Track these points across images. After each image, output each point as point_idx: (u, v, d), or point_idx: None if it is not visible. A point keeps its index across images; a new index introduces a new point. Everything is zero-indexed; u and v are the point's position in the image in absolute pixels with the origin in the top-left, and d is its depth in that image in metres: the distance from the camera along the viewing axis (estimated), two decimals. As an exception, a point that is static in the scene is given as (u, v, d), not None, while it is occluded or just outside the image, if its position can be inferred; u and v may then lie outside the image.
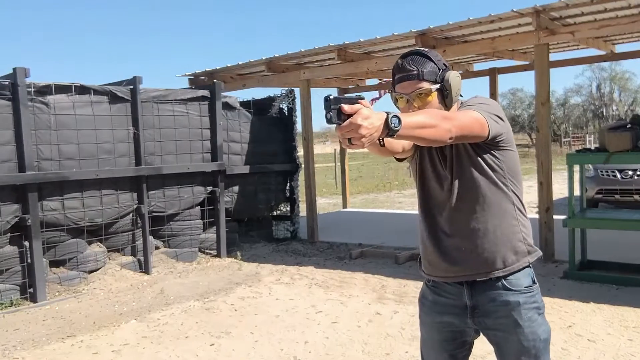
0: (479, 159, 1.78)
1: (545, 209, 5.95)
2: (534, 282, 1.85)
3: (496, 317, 1.80)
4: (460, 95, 1.85)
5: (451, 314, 1.88)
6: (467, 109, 1.71)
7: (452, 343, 1.93)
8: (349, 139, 1.42)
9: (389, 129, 1.44)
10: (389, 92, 1.90)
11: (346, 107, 1.40)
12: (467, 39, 6.84)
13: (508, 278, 1.80)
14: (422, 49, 1.83)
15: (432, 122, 1.54)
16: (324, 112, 1.43)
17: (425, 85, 1.76)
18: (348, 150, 11.43)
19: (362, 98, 1.47)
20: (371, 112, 1.42)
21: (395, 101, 1.84)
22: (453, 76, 1.78)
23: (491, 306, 1.81)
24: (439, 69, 1.78)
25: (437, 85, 1.77)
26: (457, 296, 1.87)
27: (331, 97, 1.42)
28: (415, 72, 1.76)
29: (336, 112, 1.41)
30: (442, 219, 1.86)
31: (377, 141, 1.49)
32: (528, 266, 1.84)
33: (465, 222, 1.81)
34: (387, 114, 1.45)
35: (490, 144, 1.76)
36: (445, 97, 1.78)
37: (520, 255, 1.82)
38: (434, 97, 1.77)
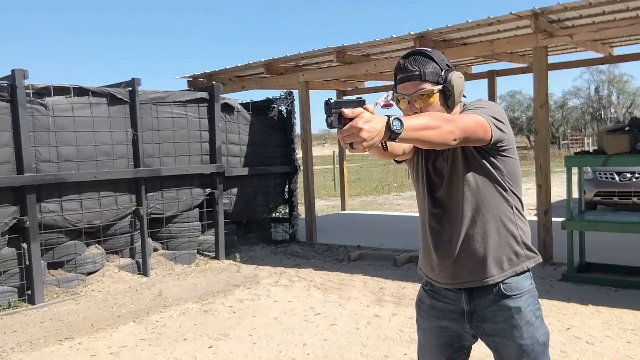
0: (478, 162, 1.76)
1: (544, 212, 5.96)
2: (532, 286, 1.83)
3: (494, 322, 1.79)
4: (464, 96, 1.81)
5: (449, 319, 1.86)
6: (470, 112, 1.69)
7: (450, 348, 1.91)
8: (351, 143, 1.39)
9: (391, 132, 1.41)
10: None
11: (347, 111, 1.38)
12: (466, 42, 6.85)
13: (506, 282, 1.78)
14: (424, 48, 1.79)
15: (434, 123, 1.51)
16: (325, 115, 1.41)
17: (427, 86, 1.72)
18: (347, 152, 11.44)
19: (364, 101, 1.45)
20: (373, 116, 1.39)
21: (397, 101, 1.81)
22: (456, 77, 1.74)
23: (489, 311, 1.79)
24: (442, 70, 1.74)
25: (440, 86, 1.73)
26: (454, 301, 1.85)
27: (331, 100, 1.41)
28: (417, 72, 1.72)
29: (337, 116, 1.39)
30: (441, 222, 1.83)
31: (380, 145, 1.46)
32: (527, 270, 1.82)
33: (464, 226, 1.78)
34: (389, 116, 1.42)
35: (492, 149, 1.74)
36: (448, 98, 1.74)
37: (519, 260, 1.80)
38: (436, 99, 1.74)
